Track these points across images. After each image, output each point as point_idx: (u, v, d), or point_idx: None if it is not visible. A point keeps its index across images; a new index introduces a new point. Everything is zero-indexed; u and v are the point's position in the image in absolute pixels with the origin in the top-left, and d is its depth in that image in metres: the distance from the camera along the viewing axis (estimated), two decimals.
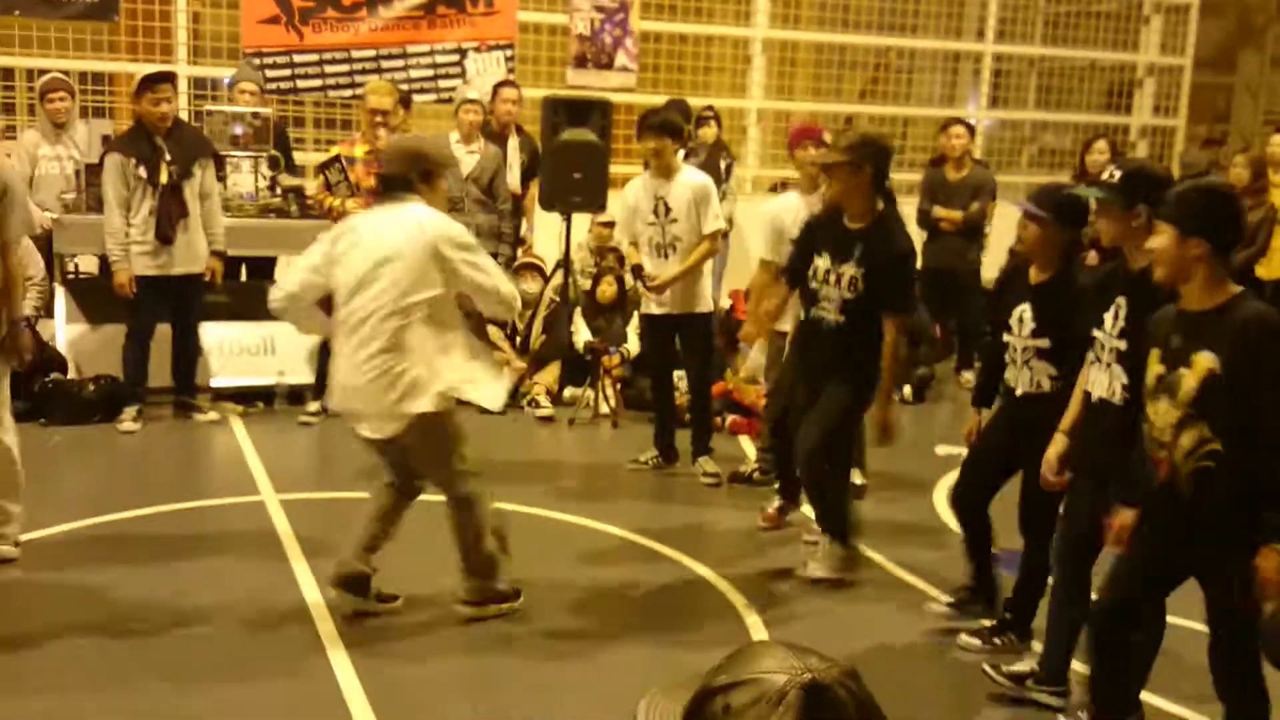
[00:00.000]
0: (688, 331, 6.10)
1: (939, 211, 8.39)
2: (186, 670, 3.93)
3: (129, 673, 3.89)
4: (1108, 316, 3.57)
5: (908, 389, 7.82)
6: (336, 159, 6.84)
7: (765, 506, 5.58)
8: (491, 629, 4.35)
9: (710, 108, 9.16)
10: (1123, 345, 3.51)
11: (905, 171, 10.39)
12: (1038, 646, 4.13)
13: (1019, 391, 4.09)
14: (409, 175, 4.25)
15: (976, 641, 4.29)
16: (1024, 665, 4.01)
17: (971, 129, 9.08)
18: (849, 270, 4.62)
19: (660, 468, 6.33)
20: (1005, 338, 4.11)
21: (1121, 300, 3.54)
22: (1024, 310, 4.05)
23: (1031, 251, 4.10)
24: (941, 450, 6.83)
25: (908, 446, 6.66)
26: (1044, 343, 4.00)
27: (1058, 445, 3.83)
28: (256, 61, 8.66)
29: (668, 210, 5.94)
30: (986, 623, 4.35)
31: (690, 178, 6.04)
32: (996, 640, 4.27)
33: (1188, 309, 3.15)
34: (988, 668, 4.04)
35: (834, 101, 11.09)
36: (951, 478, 6.23)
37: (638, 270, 6.13)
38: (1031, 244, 4.08)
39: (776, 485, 5.62)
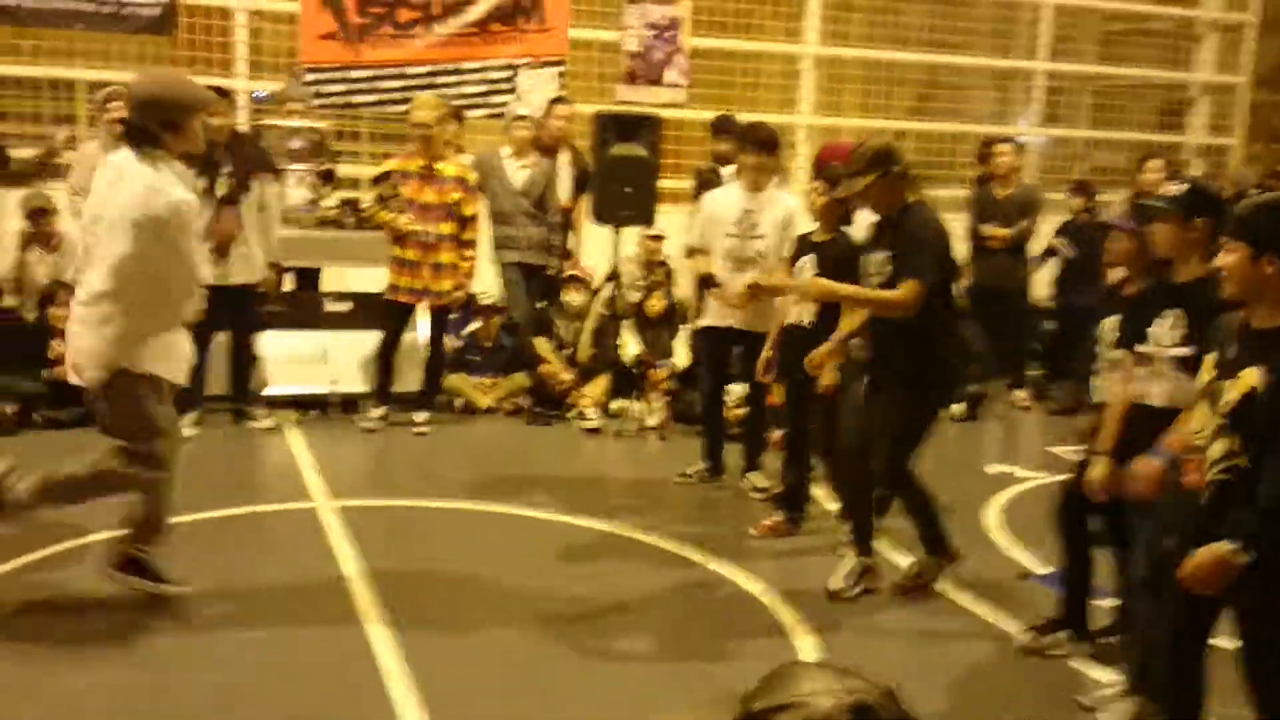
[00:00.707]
0: (750, 348, 6.00)
1: (986, 229, 8.38)
2: (238, 665, 4.01)
3: (182, 658, 3.97)
4: (1158, 329, 3.73)
5: (958, 407, 7.77)
6: (389, 174, 6.95)
7: (762, 517, 5.66)
8: (535, 639, 4.39)
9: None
10: (1186, 352, 3.64)
11: (955, 188, 10.40)
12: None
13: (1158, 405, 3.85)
14: (148, 125, 4.07)
15: (1027, 637, 4.35)
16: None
17: (1019, 147, 9.06)
18: (878, 256, 4.68)
19: (707, 481, 6.36)
20: (1138, 348, 3.89)
21: (1177, 312, 3.70)
22: (1166, 320, 3.80)
23: (1169, 254, 3.87)
24: (992, 469, 6.81)
25: (958, 465, 6.66)
26: (1187, 351, 3.72)
27: (1102, 467, 3.89)
28: (309, 77, 8.80)
29: (754, 225, 5.92)
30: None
31: (782, 197, 6.06)
32: (1047, 637, 4.34)
33: (1253, 324, 3.14)
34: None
35: (883, 118, 11.09)
36: (1003, 497, 6.27)
37: (708, 280, 6.10)
38: (1168, 247, 3.84)
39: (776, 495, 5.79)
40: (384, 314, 7.13)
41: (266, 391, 7.23)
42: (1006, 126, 11.15)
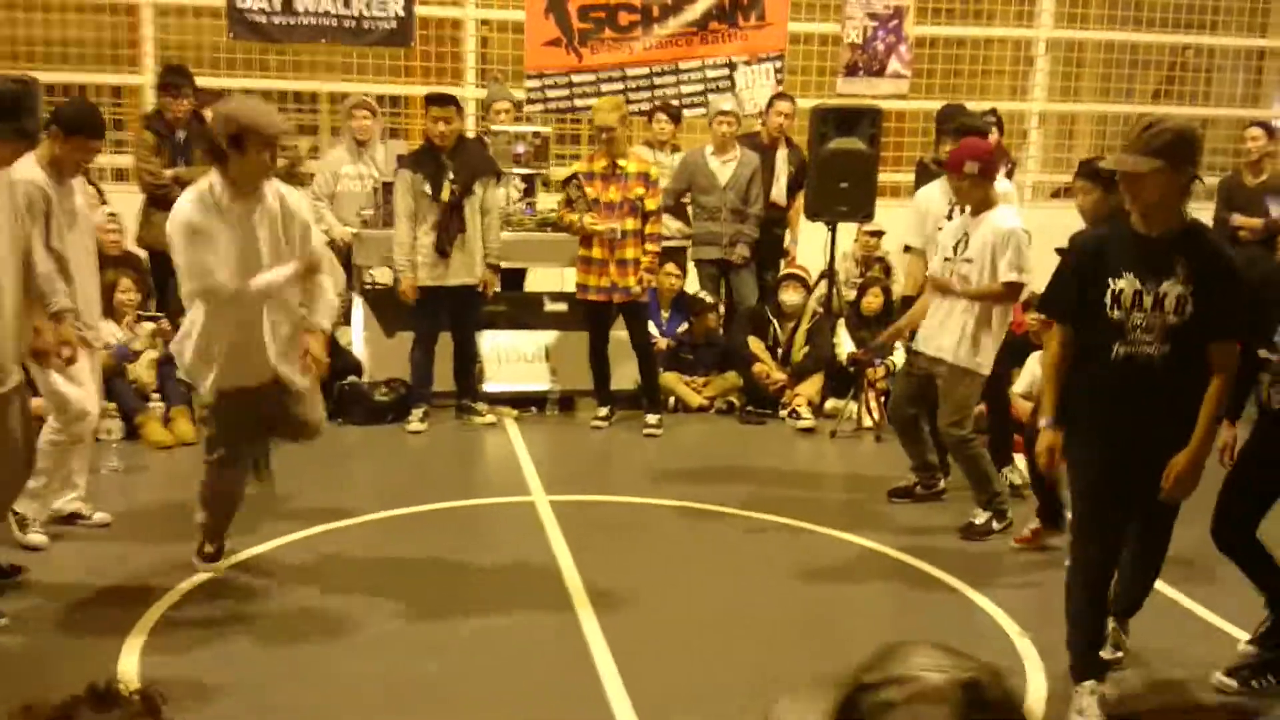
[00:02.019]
0: None
1: (1238, 219, 7.85)
2: (454, 652, 4.16)
3: (405, 646, 4.15)
4: None
5: None
6: (575, 176, 7.07)
7: (1023, 527, 5.40)
8: (741, 639, 4.38)
9: (993, 111, 8.87)
10: None
11: (1205, 175, 9.77)
12: None
13: None
14: (216, 140, 4.22)
15: (1233, 682, 4.01)
16: None
17: (1272, 131, 8.44)
18: (1173, 289, 3.56)
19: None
20: None
21: None
22: None
23: None
24: None
25: None
26: None
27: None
28: (531, 84, 9.04)
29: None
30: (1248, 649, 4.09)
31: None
32: (1255, 682, 4.00)
33: None
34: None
35: (1124, 103, 10.53)
36: None
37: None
38: None
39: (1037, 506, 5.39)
40: (584, 315, 7.27)
41: (486, 388, 7.48)
42: (1260, 110, 10.40)
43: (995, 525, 5.49)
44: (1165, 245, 3.55)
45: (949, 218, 5.73)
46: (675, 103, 8.82)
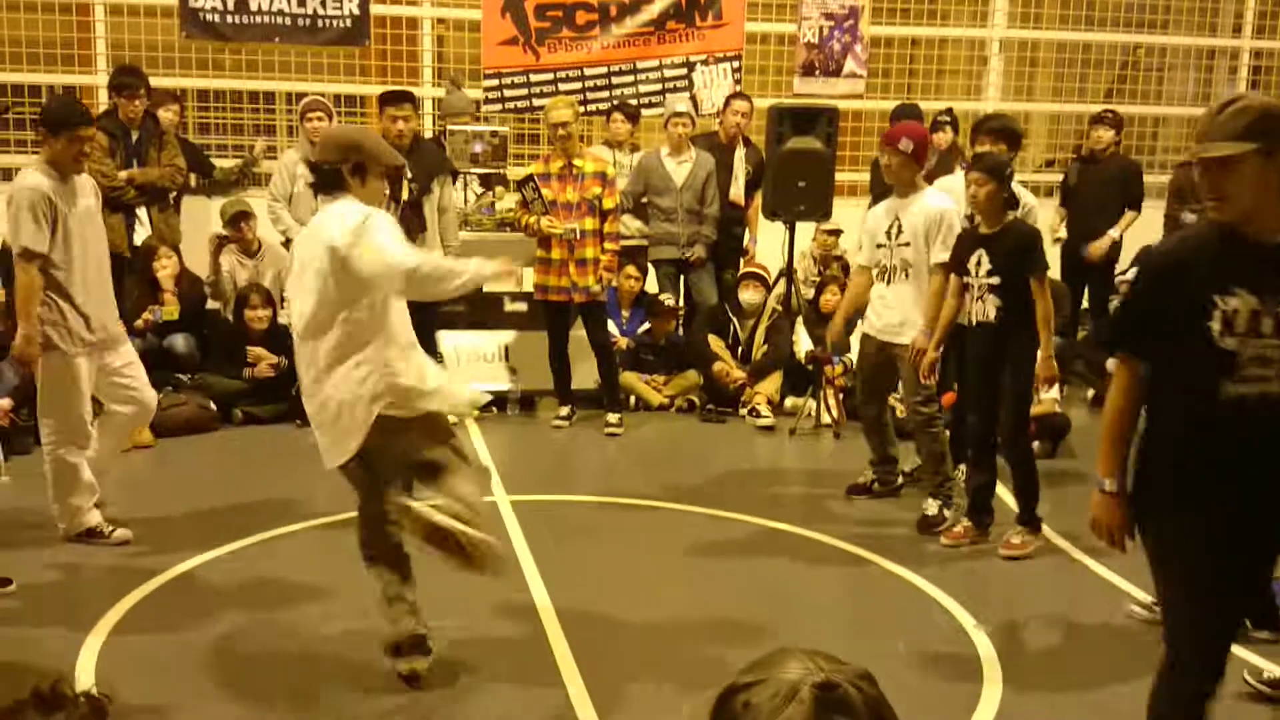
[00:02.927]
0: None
1: (1190, 216, 7.95)
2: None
3: (369, 643, 4.13)
4: None
5: None
6: (530, 177, 7.06)
7: (1009, 535, 5.33)
8: (694, 631, 4.40)
9: (948, 111, 8.95)
10: None
11: (1157, 174, 9.91)
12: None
13: None
14: (339, 167, 3.88)
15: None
16: None
17: None
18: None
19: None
20: None
21: None
22: None
23: None
24: None
25: None
26: None
27: None
28: (489, 82, 9.02)
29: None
30: None
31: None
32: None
33: None
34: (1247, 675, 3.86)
35: (1076, 101, 10.65)
36: None
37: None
38: None
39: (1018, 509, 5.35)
40: (543, 315, 7.26)
41: None
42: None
43: (945, 513, 5.56)
44: (1255, 249, 2.81)
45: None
46: (634, 102, 8.83)
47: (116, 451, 5.37)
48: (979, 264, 5.21)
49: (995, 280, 5.16)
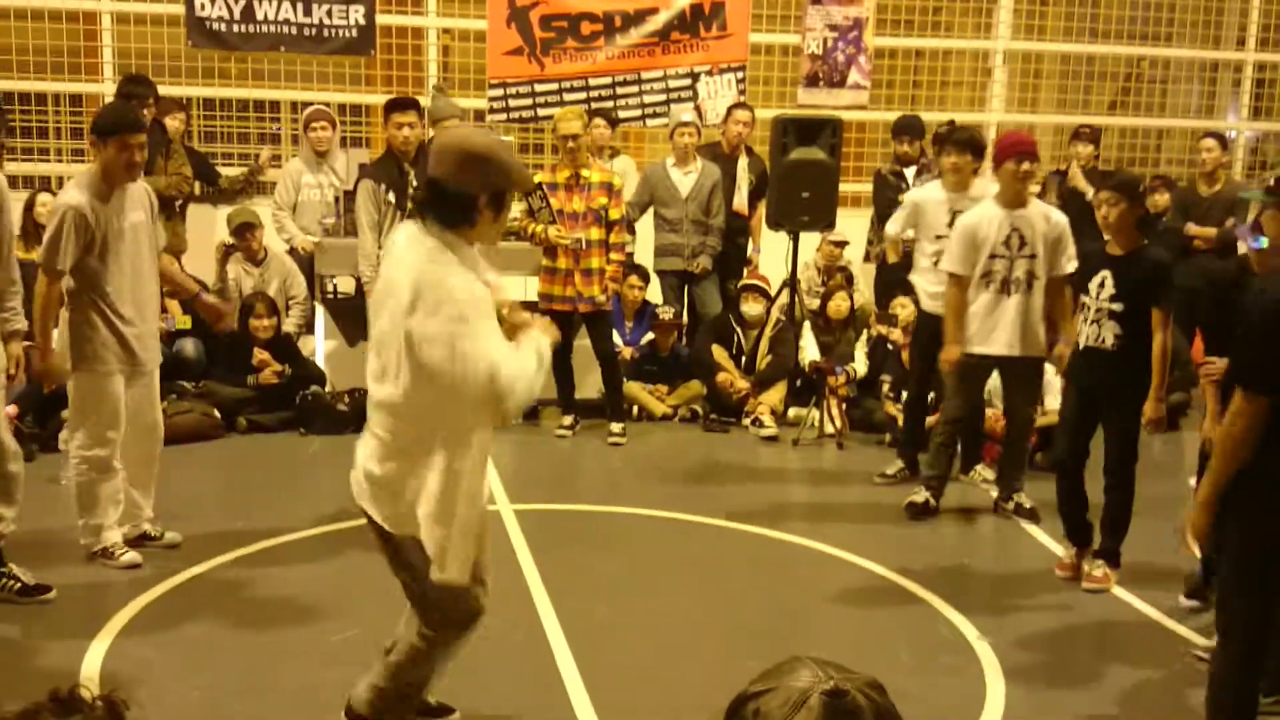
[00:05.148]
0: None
1: (1193, 229, 7.98)
2: None
3: (370, 651, 4.13)
4: None
5: None
6: (539, 186, 7.07)
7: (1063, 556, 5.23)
8: (703, 641, 4.39)
9: (951, 122, 8.97)
10: None
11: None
12: None
13: None
14: (476, 195, 3.03)
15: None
16: None
17: (1224, 142, 8.58)
18: None
19: (909, 480, 6.27)
20: None
21: None
22: None
23: None
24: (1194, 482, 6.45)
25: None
26: None
27: None
28: (494, 92, 9.04)
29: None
30: None
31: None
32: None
33: None
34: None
35: (1081, 113, 10.67)
36: None
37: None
38: None
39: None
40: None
41: None
42: (1214, 121, 10.57)
43: (933, 503, 5.87)
44: None
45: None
46: (638, 113, 8.86)
47: (147, 472, 5.19)
48: (1102, 286, 4.88)
49: (1118, 306, 4.83)
